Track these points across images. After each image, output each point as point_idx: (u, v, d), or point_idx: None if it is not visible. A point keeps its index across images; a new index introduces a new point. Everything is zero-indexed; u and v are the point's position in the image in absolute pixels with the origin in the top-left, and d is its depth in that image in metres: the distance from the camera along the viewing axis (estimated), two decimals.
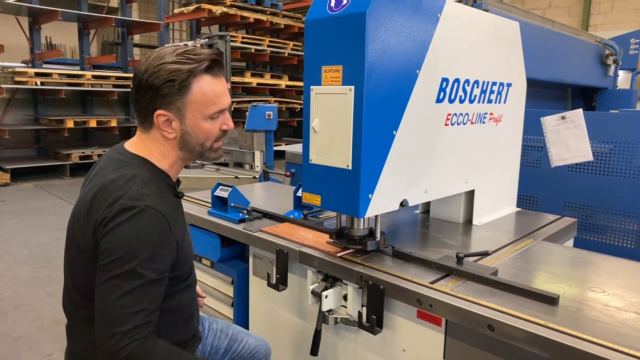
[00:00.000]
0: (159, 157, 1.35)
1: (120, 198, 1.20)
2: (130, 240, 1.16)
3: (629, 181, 2.84)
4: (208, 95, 1.29)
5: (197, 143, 1.34)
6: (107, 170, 1.30)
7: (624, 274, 1.65)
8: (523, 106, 2.43)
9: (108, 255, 1.17)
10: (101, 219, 1.19)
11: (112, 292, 1.14)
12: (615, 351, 1.10)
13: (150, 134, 1.34)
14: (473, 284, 1.47)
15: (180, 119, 1.29)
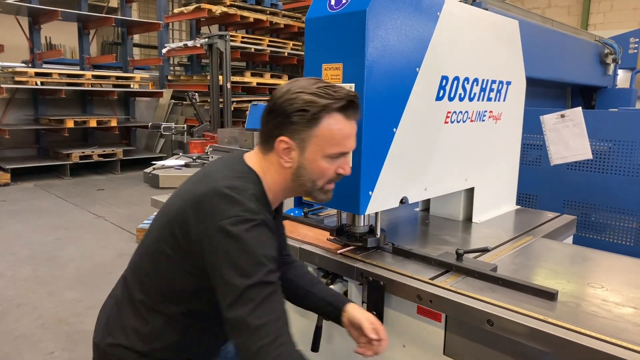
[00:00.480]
0: (270, 183, 1.30)
1: (238, 208, 1.15)
2: (251, 248, 1.12)
3: (628, 179, 2.85)
4: (334, 135, 1.24)
5: (309, 179, 1.30)
6: (220, 176, 1.23)
7: (622, 270, 1.66)
8: (522, 104, 2.44)
9: (229, 270, 1.11)
10: (212, 228, 1.13)
11: (241, 309, 1.09)
12: (614, 345, 1.11)
13: (267, 157, 1.30)
14: (473, 280, 1.48)
15: (301, 150, 1.25)
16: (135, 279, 1.30)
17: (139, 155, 9.73)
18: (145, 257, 1.30)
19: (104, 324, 1.33)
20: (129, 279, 1.33)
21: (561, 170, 3.02)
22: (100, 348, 1.31)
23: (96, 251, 4.76)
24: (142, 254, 1.32)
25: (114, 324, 1.30)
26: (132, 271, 1.33)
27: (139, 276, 1.29)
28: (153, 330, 1.26)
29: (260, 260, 1.13)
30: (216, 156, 3.90)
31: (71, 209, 6.51)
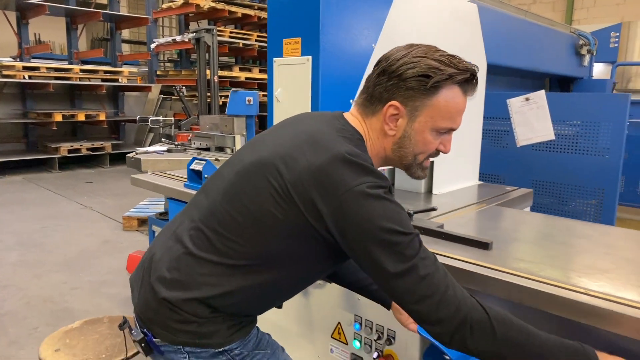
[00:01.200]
0: (370, 150, 1.20)
1: (371, 175, 1.04)
2: (394, 213, 1.03)
3: (591, 159, 3.00)
4: (450, 108, 1.14)
5: (411, 152, 1.20)
6: (334, 139, 1.10)
7: (554, 227, 1.79)
8: (483, 85, 2.58)
9: (382, 243, 1.00)
10: (352, 195, 1.01)
11: (408, 278, 1.00)
12: (538, 282, 1.25)
13: (368, 120, 1.20)
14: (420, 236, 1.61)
15: (410, 119, 1.15)
16: (222, 236, 1.13)
17: (128, 149, 9.79)
18: (236, 215, 1.12)
19: (174, 280, 1.15)
20: (208, 233, 1.15)
21: (527, 151, 3.16)
22: (168, 301, 1.14)
23: (83, 238, 4.86)
24: (229, 209, 1.14)
25: (191, 278, 1.14)
26: (211, 226, 1.15)
27: (228, 234, 1.13)
28: (238, 287, 1.14)
29: (406, 218, 1.05)
30: (198, 142, 4.00)
31: (59, 200, 6.59)
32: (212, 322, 1.15)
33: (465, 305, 1.00)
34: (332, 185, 1.02)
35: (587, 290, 1.18)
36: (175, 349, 1.16)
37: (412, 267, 1.00)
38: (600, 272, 1.32)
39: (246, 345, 1.21)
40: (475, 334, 0.98)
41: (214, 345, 1.15)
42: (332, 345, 1.81)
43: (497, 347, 0.99)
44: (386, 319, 1.62)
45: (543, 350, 1.00)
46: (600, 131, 2.98)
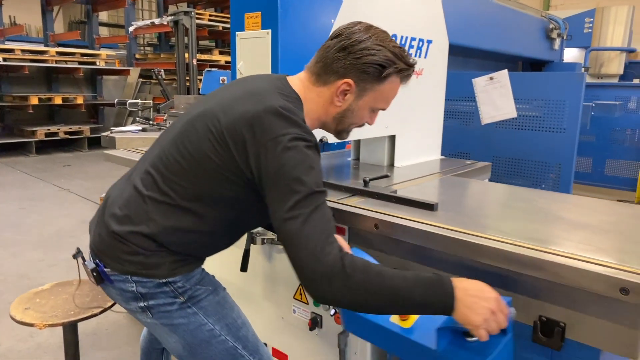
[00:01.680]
0: (310, 113, 1.34)
1: (298, 129, 1.17)
2: (310, 161, 1.15)
3: (549, 135, 3.14)
4: (389, 95, 1.36)
5: (349, 122, 1.39)
6: (272, 95, 1.24)
7: (499, 193, 1.92)
8: (445, 63, 2.68)
9: (292, 180, 1.12)
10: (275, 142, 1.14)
11: (302, 213, 1.10)
12: (472, 235, 1.36)
13: (318, 87, 1.33)
14: (373, 200, 1.72)
15: (357, 97, 1.32)
16: (168, 177, 1.27)
17: (118, 129, 9.73)
18: (182, 158, 1.26)
19: (124, 216, 1.30)
20: (156, 177, 1.29)
21: (491, 129, 3.29)
22: (117, 234, 1.28)
23: (59, 219, 4.88)
24: (176, 152, 1.28)
25: (138, 214, 1.28)
26: (159, 169, 1.29)
27: (174, 175, 1.26)
28: (179, 225, 1.27)
29: (315, 174, 1.16)
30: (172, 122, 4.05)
31: (36, 182, 6.57)
32: (157, 256, 1.28)
33: (327, 261, 1.07)
34: (261, 131, 1.16)
35: (514, 241, 1.30)
36: (124, 278, 1.29)
37: (299, 216, 1.10)
38: (530, 230, 1.45)
39: (189, 280, 1.34)
40: (334, 286, 1.06)
41: (159, 276, 1.29)
42: (295, 306, 1.92)
43: (355, 295, 1.07)
44: None
45: (400, 289, 1.07)
46: (558, 109, 3.12)
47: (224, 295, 1.46)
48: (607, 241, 1.37)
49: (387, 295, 1.08)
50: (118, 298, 1.38)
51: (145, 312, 1.33)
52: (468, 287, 1.09)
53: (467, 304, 1.06)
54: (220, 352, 1.38)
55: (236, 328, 1.42)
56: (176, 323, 1.34)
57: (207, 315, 1.37)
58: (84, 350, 2.63)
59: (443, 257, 1.43)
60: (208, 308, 1.37)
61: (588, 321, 1.20)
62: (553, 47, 5.45)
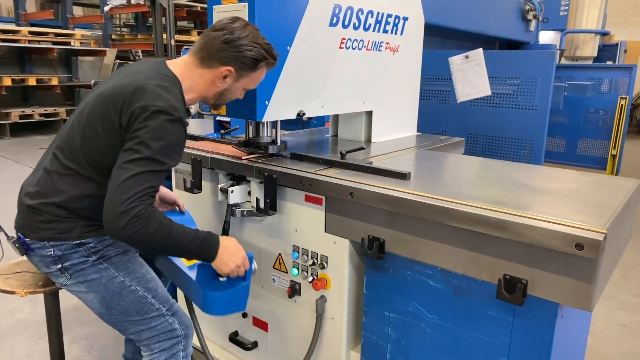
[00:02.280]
0: (191, 89, 1.60)
1: (164, 102, 1.41)
2: (163, 134, 1.40)
3: (522, 112, 3.23)
4: (258, 79, 1.67)
5: (226, 98, 1.67)
6: (150, 77, 1.49)
7: (473, 164, 2.00)
8: (421, 41, 2.72)
9: (140, 143, 1.37)
10: (141, 110, 1.39)
11: (133, 169, 1.36)
12: (434, 198, 1.43)
13: (202, 70, 1.58)
14: (349, 172, 1.78)
15: (234, 80, 1.61)
16: (68, 153, 1.52)
17: None
18: (78, 134, 1.51)
19: (35, 191, 1.54)
20: (59, 155, 1.53)
21: (466, 107, 3.37)
22: (31, 206, 1.52)
23: None
24: (73, 131, 1.52)
25: (47, 188, 1.52)
26: (61, 148, 1.54)
27: (72, 150, 1.51)
28: (84, 193, 1.52)
29: (164, 144, 1.41)
30: None
31: (11, 165, 6.45)
32: (69, 221, 1.52)
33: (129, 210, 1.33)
34: (135, 101, 1.42)
35: (481, 205, 1.37)
36: (42, 245, 1.53)
37: (130, 170, 1.36)
38: (498, 195, 1.53)
39: (101, 242, 1.58)
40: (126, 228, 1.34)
41: (72, 238, 1.53)
42: (274, 275, 1.98)
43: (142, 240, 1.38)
44: (319, 246, 1.79)
45: (180, 242, 1.43)
46: (530, 87, 3.21)
47: (133, 255, 1.67)
48: (567, 204, 1.45)
49: (170, 244, 1.43)
50: (40, 264, 1.59)
51: (63, 274, 1.56)
52: (228, 246, 1.56)
53: (223, 258, 1.53)
54: (132, 302, 1.59)
55: (146, 281, 1.64)
56: (90, 279, 1.56)
57: (118, 269, 1.60)
58: (67, 325, 2.65)
59: (414, 222, 1.50)
60: (119, 264, 1.60)
61: (548, 278, 1.29)
62: (529, 28, 5.54)
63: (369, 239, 1.61)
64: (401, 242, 1.55)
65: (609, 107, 6.37)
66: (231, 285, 1.57)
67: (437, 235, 1.46)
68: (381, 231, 1.59)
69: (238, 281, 1.59)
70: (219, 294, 1.55)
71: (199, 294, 1.57)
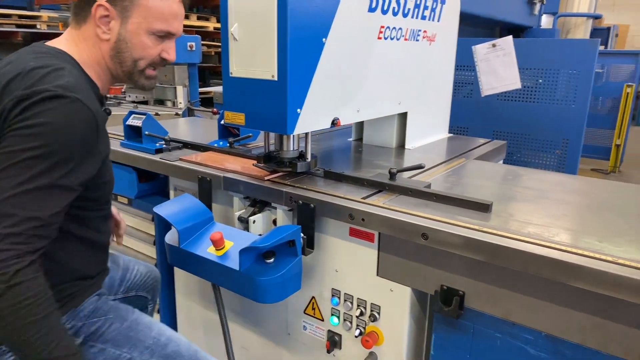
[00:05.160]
0: (86, 60, 1.16)
1: (48, 84, 1.00)
2: (53, 130, 0.97)
3: (556, 107, 2.91)
4: (162, 9, 1.16)
5: (130, 57, 1.18)
6: (25, 60, 1.07)
7: (553, 183, 1.65)
8: (456, 28, 2.35)
9: (18, 143, 0.96)
10: (17, 102, 0.98)
11: (10, 181, 0.94)
12: (547, 247, 1.08)
13: (81, 30, 1.17)
14: (406, 198, 1.41)
15: (122, 20, 1.14)
16: None
17: None
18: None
19: None
20: None
21: (491, 101, 3.03)
22: None
23: None
24: None
25: None
26: None
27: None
28: None
29: (49, 166, 0.97)
30: (134, 94, 3.55)
31: None
32: None
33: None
34: (12, 90, 1.00)
35: (614, 259, 1.03)
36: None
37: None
38: (633, 241, 1.18)
39: (77, 317, 1.17)
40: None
41: None
42: (305, 322, 1.61)
43: None
44: (369, 292, 1.42)
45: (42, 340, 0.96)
46: (566, 79, 2.88)
47: (135, 318, 1.28)
48: None
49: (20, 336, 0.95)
50: None
51: None
52: None
53: None
54: None
55: (161, 347, 1.25)
56: None
57: (118, 345, 1.21)
58: None
59: (509, 273, 1.14)
60: (117, 338, 1.21)
61: None
62: (533, 12, 5.24)
63: (443, 290, 1.26)
64: (488, 296, 1.20)
65: (614, 95, 6.14)
66: (283, 264, 1.33)
67: (543, 292, 1.11)
68: (460, 281, 1.24)
69: (287, 258, 1.35)
70: (274, 279, 1.30)
71: (249, 284, 1.32)
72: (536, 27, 5.42)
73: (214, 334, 1.89)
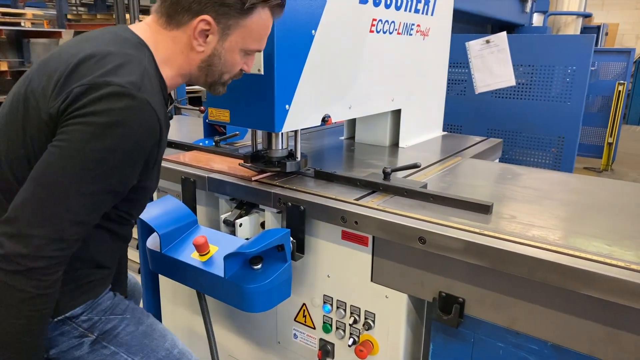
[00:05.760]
0: (166, 59, 1.07)
1: (121, 77, 0.92)
2: (119, 134, 0.90)
3: (551, 105, 2.85)
4: (261, 30, 1.13)
5: (219, 70, 1.14)
6: (105, 41, 1.01)
7: (554, 182, 1.58)
8: (450, 22, 2.28)
9: (80, 138, 0.89)
10: (86, 90, 0.90)
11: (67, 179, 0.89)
12: (556, 252, 1.01)
13: (172, 32, 1.07)
14: (401, 199, 1.33)
15: (222, 37, 1.08)
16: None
17: None
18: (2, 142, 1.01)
19: None
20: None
21: (486, 98, 2.97)
22: None
23: None
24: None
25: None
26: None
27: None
28: None
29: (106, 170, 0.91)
30: None
31: None
32: None
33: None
34: (75, 77, 0.93)
35: (626, 264, 0.95)
36: None
37: (35, 192, 0.90)
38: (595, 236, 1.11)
39: (95, 309, 1.08)
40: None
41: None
42: (296, 330, 1.53)
43: None
44: (363, 299, 1.34)
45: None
46: (562, 76, 2.83)
47: (150, 323, 1.18)
48: None
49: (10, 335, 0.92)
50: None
51: None
52: None
53: None
54: None
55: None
56: None
57: (132, 352, 1.11)
58: None
59: (513, 280, 1.07)
60: (131, 343, 1.12)
61: None
62: (525, 9, 5.20)
63: (441, 296, 1.18)
64: (490, 304, 1.12)
65: (605, 94, 6.12)
66: (271, 271, 1.26)
67: (549, 300, 1.04)
68: (459, 287, 1.16)
69: (276, 263, 1.27)
70: (262, 286, 1.23)
71: (234, 292, 1.24)
72: (527, 24, 5.39)
73: (201, 341, 1.80)
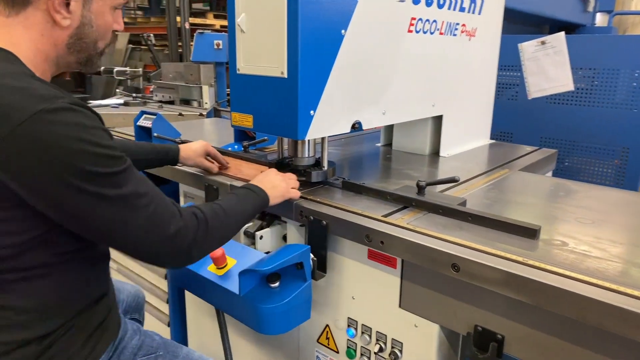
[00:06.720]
0: (29, 56, 0.91)
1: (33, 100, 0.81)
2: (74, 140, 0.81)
3: (614, 112, 2.59)
4: None
5: (92, 41, 0.97)
6: None
7: (613, 203, 1.39)
8: (500, 22, 2.11)
9: (56, 165, 0.79)
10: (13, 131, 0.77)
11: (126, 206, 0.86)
12: (614, 292, 0.85)
13: (20, 15, 0.88)
14: (436, 217, 1.19)
15: (87, 1, 0.93)
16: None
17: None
18: None
19: None
20: None
21: (540, 104, 2.74)
22: None
23: None
24: None
25: None
26: None
27: None
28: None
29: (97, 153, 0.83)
30: (160, 94, 3.47)
31: None
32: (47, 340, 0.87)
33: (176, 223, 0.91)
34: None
35: None
36: None
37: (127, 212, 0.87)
38: None
39: (122, 353, 1.00)
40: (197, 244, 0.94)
41: None
42: (319, 352, 1.42)
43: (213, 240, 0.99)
44: (390, 326, 1.22)
45: (237, 213, 1.07)
46: (627, 80, 2.56)
47: (185, 354, 1.11)
48: None
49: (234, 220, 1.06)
50: None
51: None
52: (263, 179, 1.23)
53: (271, 188, 1.20)
54: None
55: None
56: None
57: None
58: None
59: (560, 317, 0.91)
60: None
61: None
62: (587, 8, 4.85)
63: (477, 331, 1.04)
64: (533, 344, 0.97)
65: None
66: (289, 290, 1.18)
67: (604, 347, 0.88)
68: (498, 322, 1.01)
69: (295, 282, 1.21)
70: (278, 307, 1.15)
71: (250, 311, 1.17)
72: (590, 25, 5.03)
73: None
